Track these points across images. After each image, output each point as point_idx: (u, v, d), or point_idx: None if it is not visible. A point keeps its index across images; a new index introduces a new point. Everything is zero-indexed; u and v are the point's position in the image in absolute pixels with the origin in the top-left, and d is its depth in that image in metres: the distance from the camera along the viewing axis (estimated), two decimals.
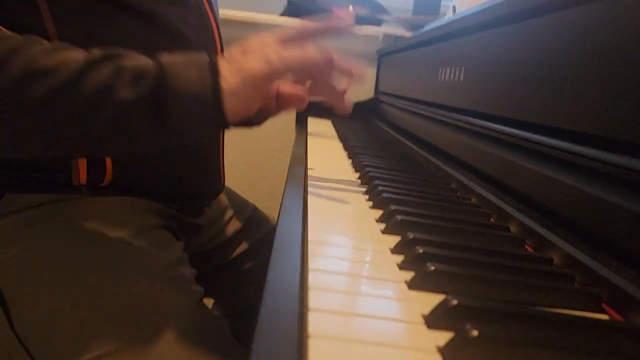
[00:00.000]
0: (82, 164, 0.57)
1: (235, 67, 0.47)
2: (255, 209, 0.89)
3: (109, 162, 0.58)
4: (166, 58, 0.47)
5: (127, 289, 0.52)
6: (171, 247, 0.61)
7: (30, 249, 0.53)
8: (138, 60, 0.47)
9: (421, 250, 0.34)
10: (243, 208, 0.86)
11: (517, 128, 0.51)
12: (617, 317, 0.31)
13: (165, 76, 0.45)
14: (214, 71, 0.47)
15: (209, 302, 0.75)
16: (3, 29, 0.47)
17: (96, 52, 0.46)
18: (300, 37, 0.52)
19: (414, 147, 0.84)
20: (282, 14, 1.45)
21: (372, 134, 1.04)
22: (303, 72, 0.54)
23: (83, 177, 0.57)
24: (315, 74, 0.54)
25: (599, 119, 0.39)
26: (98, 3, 0.54)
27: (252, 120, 0.69)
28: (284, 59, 0.47)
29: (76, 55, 0.45)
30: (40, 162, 0.57)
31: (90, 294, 0.51)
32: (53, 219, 0.55)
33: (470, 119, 0.64)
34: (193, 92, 0.46)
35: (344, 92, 0.55)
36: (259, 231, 0.85)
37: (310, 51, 0.49)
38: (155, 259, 0.56)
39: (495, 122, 0.57)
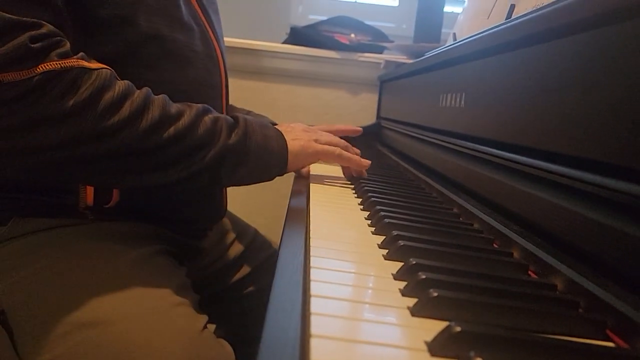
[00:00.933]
0: (90, 187, 0.58)
1: (296, 138, 0.66)
2: (257, 232, 0.89)
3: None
4: (243, 115, 0.63)
5: (133, 315, 0.52)
6: (175, 273, 0.61)
7: (35, 273, 0.54)
8: (222, 114, 0.61)
9: (424, 276, 0.34)
10: (244, 232, 0.86)
11: (519, 154, 0.52)
12: (622, 344, 0.30)
13: (250, 131, 0.61)
14: (283, 135, 0.65)
15: (210, 327, 0.75)
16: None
17: (194, 104, 0.58)
18: (330, 142, 0.71)
19: (416, 172, 0.84)
20: (285, 42, 1.47)
21: (374, 159, 1.04)
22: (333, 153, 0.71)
23: (90, 199, 0.58)
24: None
25: (602, 145, 0.39)
26: (112, 24, 0.56)
27: None
28: (326, 142, 0.70)
29: (181, 105, 0.57)
30: (49, 185, 0.57)
31: (96, 319, 0.51)
32: (58, 244, 0.56)
33: (472, 145, 0.64)
34: (270, 147, 0.62)
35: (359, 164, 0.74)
36: (260, 255, 0.85)
37: (337, 141, 0.72)
38: (159, 285, 0.56)
39: (497, 148, 0.57)
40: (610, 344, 0.30)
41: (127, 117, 0.51)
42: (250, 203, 1.40)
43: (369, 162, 0.74)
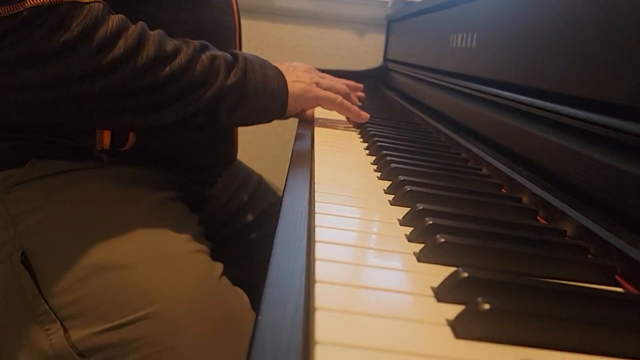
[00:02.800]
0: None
1: (296, 79, 0.64)
2: (262, 179, 0.89)
3: None
4: (242, 53, 0.60)
5: (152, 260, 0.53)
6: (190, 220, 0.62)
7: (53, 216, 0.54)
8: (221, 51, 0.58)
9: (430, 222, 0.34)
10: (249, 178, 0.86)
11: (531, 96, 0.50)
12: (631, 289, 0.30)
13: (250, 71, 0.58)
14: (284, 76, 0.62)
15: None
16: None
17: (191, 41, 0.56)
18: (331, 87, 0.69)
19: (423, 116, 0.82)
20: None
21: (380, 103, 1.02)
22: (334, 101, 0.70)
23: (106, 141, 0.57)
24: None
25: (618, 87, 0.37)
26: None
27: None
28: (328, 86, 0.68)
29: (178, 42, 0.55)
30: (63, 127, 0.57)
31: (115, 263, 0.51)
32: (75, 187, 0.56)
33: (482, 87, 0.62)
34: (270, 87, 0.60)
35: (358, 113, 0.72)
36: (265, 202, 0.85)
37: (339, 88, 0.70)
38: (177, 231, 0.57)
39: (508, 90, 0.55)
40: (620, 290, 0.30)
41: (121, 55, 0.49)
42: (254, 149, 1.39)
43: (368, 115, 0.72)
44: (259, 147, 1.41)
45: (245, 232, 0.82)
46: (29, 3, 0.45)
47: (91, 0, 0.49)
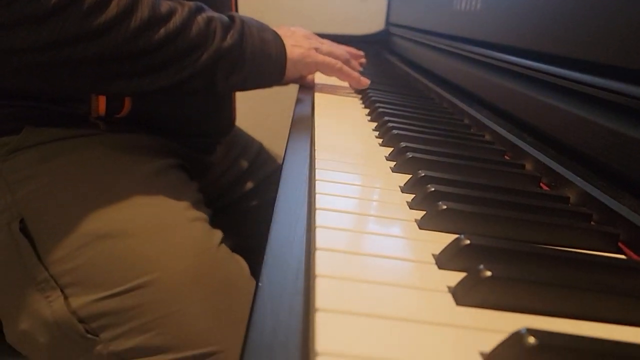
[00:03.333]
0: (102, 95, 0.56)
1: (295, 44, 0.62)
2: (262, 147, 0.88)
3: None
4: (239, 15, 0.58)
5: (151, 227, 0.52)
6: (188, 187, 0.61)
7: (50, 183, 0.54)
8: (218, 13, 0.57)
9: (432, 189, 0.33)
10: (250, 146, 0.85)
11: (536, 60, 0.49)
12: (634, 256, 0.30)
13: (247, 34, 0.57)
14: (282, 41, 0.61)
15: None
16: None
17: (186, 2, 0.54)
18: (331, 52, 0.68)
19: (426, 81, 0.81)
20: None
21: (382, 69, 1.00)
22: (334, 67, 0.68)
23: (102, 108, 0.56)
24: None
25: (627, 51, 0.36)
26: None
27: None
28: (327, 52, 0.67)
29: (172, 3, 0.53)
30: (59, 94, 0.56)
31: (113, 231, 0.51)
32: (72, 154, 0.55)
33: (487, 51, 0.61)
34: (268, 51, 0.59)
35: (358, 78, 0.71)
36: (266, 169, 0.84)
37: (339, 53, 0.69)
38: (175, 198, 0.56)
39: (513, 54, 0.54)
40: (622, 257, 0.30)
41: (114, 18, 0.48)
42: (254, 116, 1.37)
43: (369, 81, 0.71)
44: (258, 114, 1.39)
45: (245, 200, 0.82)
46: None
47: None
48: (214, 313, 0.51)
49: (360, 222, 0.31)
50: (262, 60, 0.59)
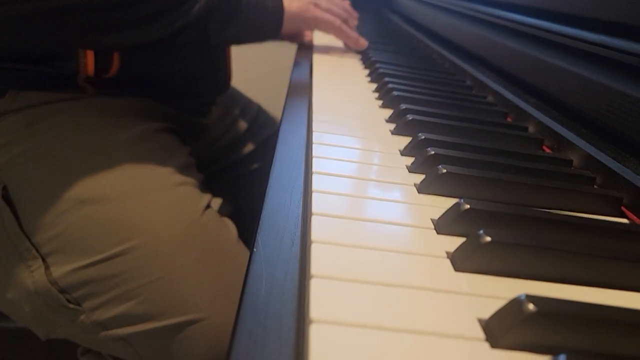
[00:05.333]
0: (90, 53, 0.54)
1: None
2: (260, 108, 0.86)
3: (116, 52, 0.55)
4: None
5: (134, 192, 0.51)
6: (178, 151, 0.59)
7: (34, 148, 0.52)
8: None
9: (432, 152, 0.32)
10: (248, 107, 0.83)
11: (540, 18, 0.47)
12: (637, 220, 0.29)
13: None
14: None
15: (216, 203, 0.75)
16: None
17: None
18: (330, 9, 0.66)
19: (427, 41, 0.78)
20: None
21: (382, 28, 0.98)
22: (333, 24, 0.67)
23: (91, 66, 0.54)
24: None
25: (631, 8, 0.34)
26: None
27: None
28: (326, 8, 0.65)
29: None
30: (47, 53, 0.54)
31: (95, 196, 0.50)
32: (57, 118, 0.53)
33: (491, 10, 0.58)
34: (264, 3, 0.57)
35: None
36: (265, 132, 0.83)
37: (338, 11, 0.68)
38: (162, 163, 0.55)
39: (517, 12, 0.52)
40: (625, 221, 0.29)
41: None
42: (252, 77, 1.34)
43: (367, 42, 0.69)
44: (256, 75, 1.36)
45: (245, 163, 0.81)
46: None
47: None
48: (199, 279, 0.50)
49: (358, 187, 0.30)
50: (257, 12, 0.57)
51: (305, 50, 0.70)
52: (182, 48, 0.56)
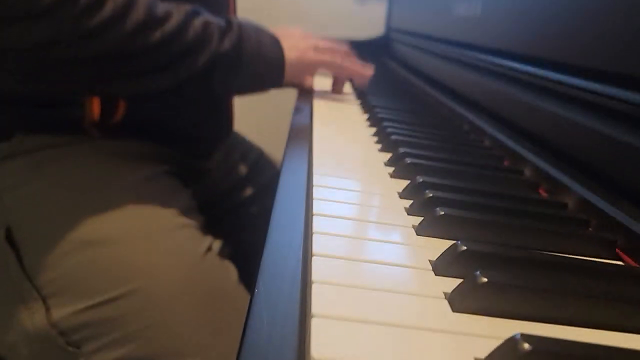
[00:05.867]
0: (96, 99, 0.56)
1: (293, 46, 0.62)
2: (262, 152, 0.88)
3: (121, 99, 0.57)
4: (236, 19, 0.59)
5: (135, 235, 0.52)
6: (180, 194, 0.61)
7: (40, 190, 0.53)
8: (214, 17, 0.57)
9: (430, 194, 0.33)
10: (249, 151, 0.85)
11: (535, 66, 0.49)
12: (632, 263, 0.30)
13: (244, 37, 0.57)
14: (280, 43, 0.61)
15: (217, 245, 0.76)
16: None
17: (182, 6, 0.54)
18: (330, 50, 0.68)
19: (425, 87, 0.81)
20: None
21: (382, 74, 1.01)
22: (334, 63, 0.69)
23: (96, 113, 0.56)
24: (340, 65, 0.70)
25: (623, 56, 0.36)
26: None
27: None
28: (327, 52, 0.66)
29: (169, 6, 0.53)
30: (52, 98, 0.56)
31: (98, 238, 0.51)
32: (62, 161, 0.55)
33: (486, 57, 0.61)
34: (265, 55, 0.59)
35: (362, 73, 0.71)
36: (266, 175, 0.84)
37: (338, 50, 0.70)
38: (164, 206, 0.56)
39: (512, 60, 0.54)
40: (620, 263, 0.30)
41: (109, 19, 0.48)
42: (254, 121, 1.37)
43: (372, 70, 0.70)
44: (257, 120, 1.39)
45: (245, 206, 0.82)
46: None
47: None
48: (199, 322, 0.50)
49: (358, 228, 0.31)
50: (260, 64, 0.58)
51: (306, 95, 0.72)
52: (187, 96, 0.58)
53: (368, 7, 1.41)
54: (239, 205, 0.81)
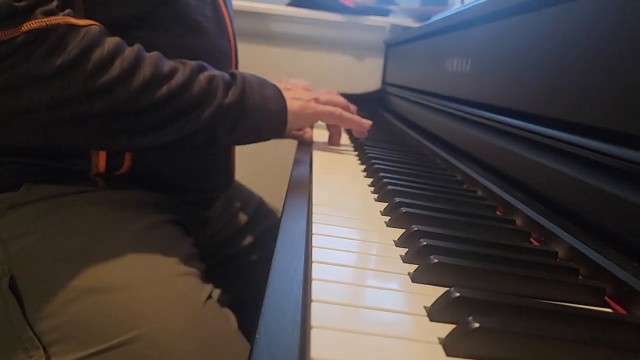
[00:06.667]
0: (102, 152, 0.58)
1: (295, 97, 0.65)
2: (262, 201, 0.89)
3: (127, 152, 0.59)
4: (241, 73, 0.61)
5: (137, 282, 0.53)
6: (181, 242, 0.61)
7: (44, 240, 0.54)
8: (219, 71, 0.59)
9: (424, 243, 0.34)
10: (249, 200, 0.86)
11: (524, 120, 0.51)
12: (620, 310, 0.31)
13: (248, 90, 0.59)
14: (282, 95, 0.63)
15: (216, 293, 0.76)
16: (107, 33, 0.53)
17: (188, 62, 0.56)
18: (330, 101, 0.71)
19: (420, 138, 0.83)
20: (288, 5, 1.44)
21: (378, 126, 1.04)
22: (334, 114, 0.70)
23: (102, 165, 0.57)
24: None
25: (605, 111, 0.38)
26: None
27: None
28: (326, 100, 0.69)
29: (175, 62, 0.55)
30: (59, 151, 0.57)
31: (100, 286, 0.51)
32: (68, 211, 0.56)
33: (477, 111, 0.63)
34: (268, 107, 0.61)
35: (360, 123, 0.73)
36: (266, 223, 0.85)
37: (338, 101, 0.72)
38: (165, 254, 0.57)
39: (502, 114, 0.56)
40: (608, 310, 0.31)
41: (117, 76, 0.49)
42: (254, 171, 1.40)
43: (370, 122, 0.72)
44: (258, 169, 1.42)
45: (245, 254, 0.82)
46: (25, 27, 0.45)
47: (87, 23, 0.50)
48: None
49: (355, 275, 0.32)
50: (263, 115, 0.60)
51: (306, 146, 0.74)
52: (190, 147, 0.60)
53: (366, 62, 1.47)
54: (239, 254, 0.81)
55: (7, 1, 0.45)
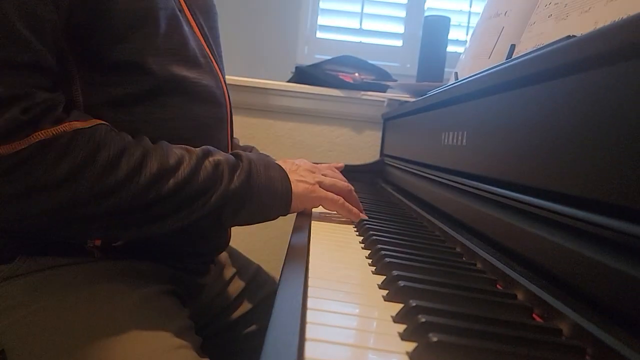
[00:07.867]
0: None
1: (300, 180, 0.65)
2: (259, 269, 0.88)
3: None
4: (247, 155, 0.62)
5: (133, 358, 0.51)
6: (178, 314, 0.60)
7: (36, 312, 0.53)
8: (225, 155, 0.60)
9: (423, 320, 0.33)
10: (246, 268, 0.85)
11: (520, 192, 0.51)
12: None
13: (254, 173, 0.60)
14: (288, 177, 0.63)
15: None
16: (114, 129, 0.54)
17: (193, 149, 0.57)
18: (334, 186, 0.70)
19: (418, 210, 0.83)
20: (290, 81, 1.49)
21: (376, 197, 1.04)
22: (336, 203, 0.70)
23: (99, 239, 0.57)
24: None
25: (605, 185, 0.38)
26: (121, 69, 0.56)
27: None
28: (331, 185, 0.68)
29: (180, 152, 0.56)
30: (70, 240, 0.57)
31: (95, 357, 0.50)
32: (61, 283, 0.55)
33: (474, 183, 0.64)
34: (274, 189, 0.61)
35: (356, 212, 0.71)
36: (262, 292, 0.84)
37: (341, 187, 0.71)
38: (161, 327, 0.55)
39: (498, 186, 0.57)
40: None
41: (125, 175, 0.50)
42: (253, 239, 1.39)
43: (366, 217, 0.73)
44: (256, 238, 1.41)
45: (242, 325, 0.80)
46: (33, 138, 0.46)
47: (92, 124, 0.51)
48: None
49: (351, 354, 0.30)
50: (268, 197, 0.61)
51: (304, 217, 0.74)
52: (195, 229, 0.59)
53: (365, 134, 1.50)
54: (235, 324, 0.79)
55: (15, 116, 0.46)
